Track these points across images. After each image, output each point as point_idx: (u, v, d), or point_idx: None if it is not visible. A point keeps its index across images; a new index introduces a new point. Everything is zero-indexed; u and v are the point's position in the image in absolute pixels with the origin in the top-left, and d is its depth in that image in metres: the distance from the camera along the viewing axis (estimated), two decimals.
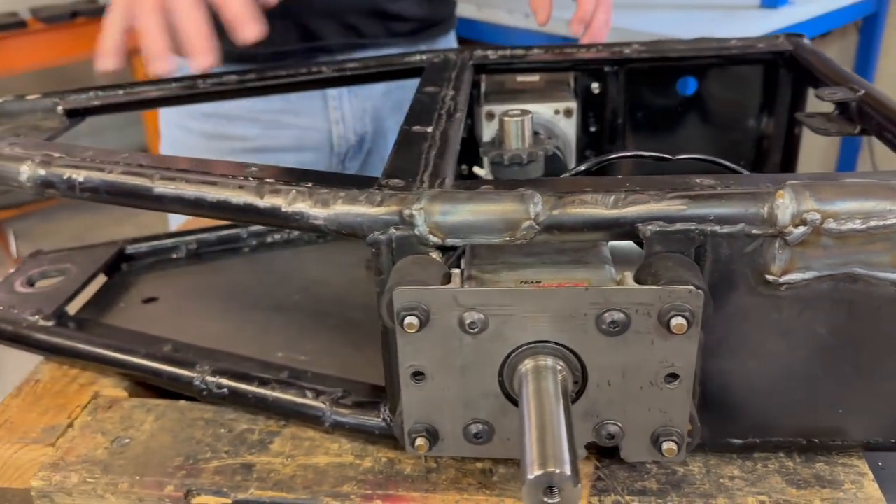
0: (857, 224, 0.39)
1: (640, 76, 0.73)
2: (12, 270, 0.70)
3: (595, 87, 0.73)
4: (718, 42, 0.70)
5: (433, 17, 0.95)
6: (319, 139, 0.93)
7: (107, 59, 0.59)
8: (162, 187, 0.46)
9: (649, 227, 0.39)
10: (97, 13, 2.75)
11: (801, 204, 0.39)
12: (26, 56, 2.69)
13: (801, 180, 0.40)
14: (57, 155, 0.51)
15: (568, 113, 0.70)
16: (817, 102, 0.60)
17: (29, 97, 0.66)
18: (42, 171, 0.51)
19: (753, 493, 0.44)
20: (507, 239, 0.41)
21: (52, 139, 0.62)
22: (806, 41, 0.69)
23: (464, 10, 1.74)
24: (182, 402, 0.55)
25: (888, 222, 0.39)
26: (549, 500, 0.33)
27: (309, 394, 0.50)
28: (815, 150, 2.27)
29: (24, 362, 0.62)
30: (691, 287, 0.37)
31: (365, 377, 0.54)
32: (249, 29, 0.56)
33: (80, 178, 0.49)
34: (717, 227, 0.39)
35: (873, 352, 0.42)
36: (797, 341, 0.42)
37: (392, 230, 0.41)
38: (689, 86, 0.74)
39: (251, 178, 0.45)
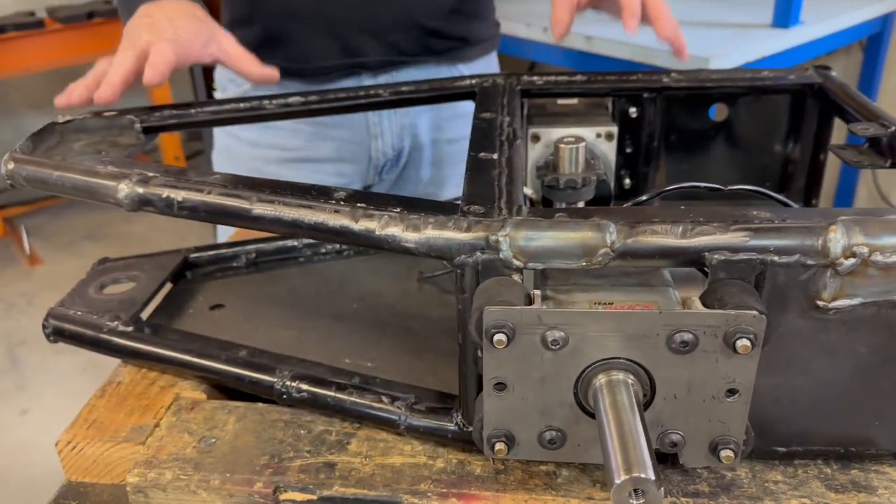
0: None
1: (676, 102, 0.77)
2: (81, 280, 0.73)
3: (633, 111, 0.77)
4: (752, 73, 0.75)
5: (474, 36, 0.98)
6: (359, 152, 0.97)
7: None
8: (260, 209, 0.50)
9: (715, 256, 0.44)
10: (113, 14, 2.78)
11: (852, 238, 0.43)
12: (43, 55, 2.72)
13: (850, 216, 0.44)
14: (152, 174, 0.55)
15: (609, 137, 0.74)
16: (843, 131, 0.64)
17: (106, 114, 0.70)
18: (140, 190, 0.54)
19: (797, 497, 0.49)
20: (584, 264, 0.45)
21: (131, 156, 0.65)
22: (833, 74, 0.74)
23: None
24: (260, 405, 0.59)
25: None
26: (635, 502, 0.37)
27: (385, 399, 0.54)
28: None
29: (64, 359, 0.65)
30: (755, 312, 0.41)
31: (428, 383, 0.58)
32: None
33: (179, 198, 0.53)
34: (776, 258, 0.43)
35: None
36: (841, 359, 0.47)
37: (478, 254, 0.45)
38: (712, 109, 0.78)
39: (343, 203, 0.49)
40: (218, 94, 0.99)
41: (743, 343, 0.41)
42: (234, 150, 0.97)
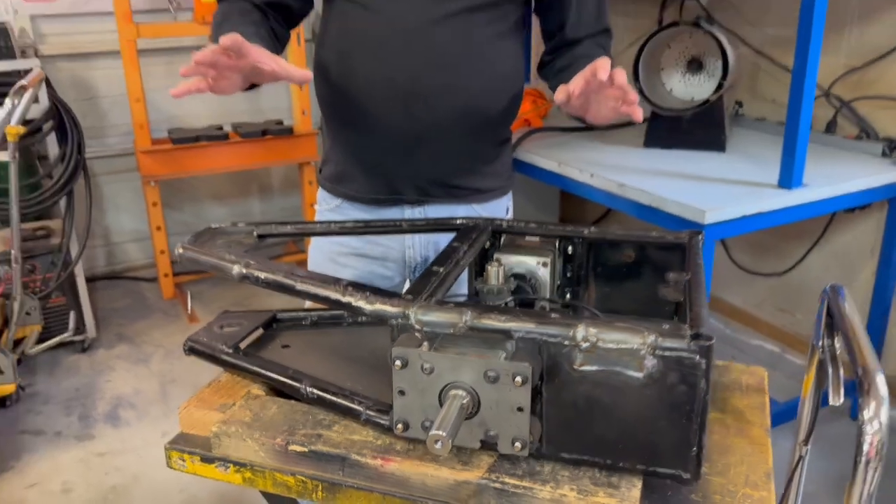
0: (616, 345, 0.77)
1: (596, 246, 1.12)
2: (209, 322, 1.17)
3: (570, 249, 1.13)
4: (643, 233, 1.09)
5: (485, 187, 1.38)
6: (397, 256, 1.38)
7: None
8: (300, 286, 0.91)
9: (517, 333, 0.79)
10: (281, 132, 3.44)
11: (587, 333, 0.77)
12: (226, 160, 3.39)
13: (590, 320, 0.78)
14: (253, 262, 0.98)
15: (545, 265, 1.10)
16: None
17: (239, 224, 1.14)
18: (244, 271, 0.97)
19: (570, 484, 0.81)
20: (451, 331, 0.82)
21: (248, 252, 1.09)
22: (699, 238, 1.07)
23: (548, 164, 2.19)
24: (293, 401, 0.98)
25: (632, 346, 0.76)
26: (438, 445, 0.73)
27: (356, 402, 0.92)
28: None
29: (209, 372, 1.07)
30: (526, 363, 0.76)
31: (385, 396, 0.95)
32: None
33: (262, 276, 0.95)
34: (548, 339, 0.78)
35: (626, 410, 0.78)
36: (590, 401, 0.80)
37: (399, 320, 0.83)
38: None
39: (342, 288, 0.89)
40: (316, 207, 1.43)
41: (517, 380, 0.76)
42: (322, 244, 1.40)
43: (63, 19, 3.36)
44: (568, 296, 1.15)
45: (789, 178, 1.84)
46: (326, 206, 1.39)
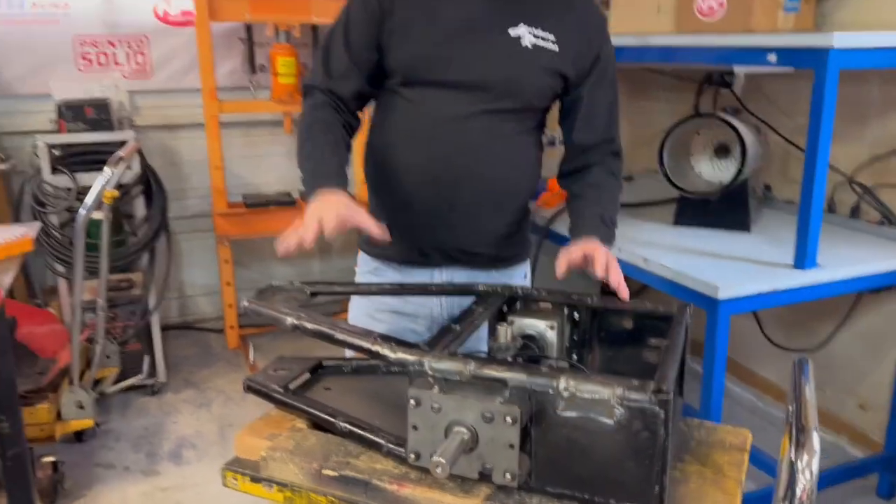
0: (591, 395, 0.91)
1: (600, 314, 1.27)
2: (265, 365, 1.36)
3: (576, 315, 1.29)
4: (637, 302, 1.24)
5: (505, 255, 1.55)
6: (427, 313, 1.55)
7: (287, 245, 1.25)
8: (340, 336, 1.09)
9: (511, 382, 0.95)
10: None
11: (569, 383, 0.92)
12: (293, 223, 3.65)
13: (571, 373, 0.93)
14: (303, 315, 1.17)
15: (552, 328, 1.26)
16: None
17: (295, 283, 1.34)
18: (295, 322, 1.16)
19: None
20: (458, 378, 0.98)
21: (303, 307, 1.28)
22: (687, 310, 1.21)
23: None
24: (329, 434, 1.15)
25: (604, 397, 0.91)
26: (438, 470, 0.88)
27: (380, 437, 1.08)
28: None
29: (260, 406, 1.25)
30: (516, 406, 0.91)
31: (402, 431, 1.10)
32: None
33: (309, 327, 1.13)
34: (535, 388, 0.94)
35: (600, 451, 0.92)
36: (570, 442, 0.94)
37: (416, 366, 1.00)
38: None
39: (372, 339, 1.07)
40: (357, 269, 1.62)
41: (509, 420, 0.92)
42: (362, 301, 1.59)
43: (157, 94, 3.73)
44: (574, 357, 1.30)
45: (803, 259, 1.94)
46: (366, 268, 1.58)
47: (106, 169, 2.54)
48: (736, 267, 2.00)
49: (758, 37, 2.09)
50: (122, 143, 2.94)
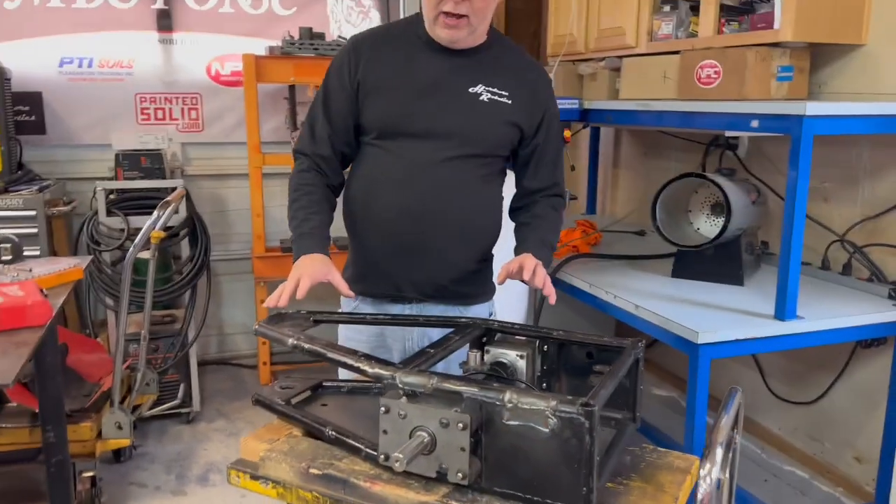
0: (530, 406, 1.07)
1: (564, 347, 1.42)
2: (274, 380, 1.53)
3: (545, 347, 1.44)
4: (599, 337, 1.39)
5: (472, 291, 1.74)
6: (399, 344, 1.72)
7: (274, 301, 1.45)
8: (332, 355, 1.26)
9: (466, 394, 1.11)
10: None
11: (512, 396, 1.08)
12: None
13: (514, 388, 1.09)
14: (302, 337, 1.35)
15: (522, 357, 1.41)
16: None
17: (301, 311, 1.53)
18: (295, 342, 1.34)
19: None
20: (423, 391, 1.14)
21: (304, 330, 1.46)
22: (640, 344, 1.35)
23: (581, 285, 2.49)
24: (319, 441, 1.31)
25: (540, 408, 1.06)
26: (396, 464, 1.04)
27: (360, 443, 1.24)
28: None
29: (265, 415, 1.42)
30: (467, 415, 1.07)
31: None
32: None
33: (306, 347, 1.31)
34: (484, 399, 1.09)
35: (538, 456, 1.07)
36: (514, 447, 1.08)
37: (388, 380, 1.17)
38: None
39: (357, 357, 1.24)
40: (342, 300, 1.80)
41: (460, 426, 1.07)
42: (348, 330, 1.76)
43: (207, 147, 4.04)
44: (544, 385, 1.45)
45: (783, 310, 2.05)
46: (347, 307, 1.77)
47: (155, 212, 2.79)
48: (721, 316, 2.12)
49: (743, 104, 2.25)
50: (171, 190, 3.21)
